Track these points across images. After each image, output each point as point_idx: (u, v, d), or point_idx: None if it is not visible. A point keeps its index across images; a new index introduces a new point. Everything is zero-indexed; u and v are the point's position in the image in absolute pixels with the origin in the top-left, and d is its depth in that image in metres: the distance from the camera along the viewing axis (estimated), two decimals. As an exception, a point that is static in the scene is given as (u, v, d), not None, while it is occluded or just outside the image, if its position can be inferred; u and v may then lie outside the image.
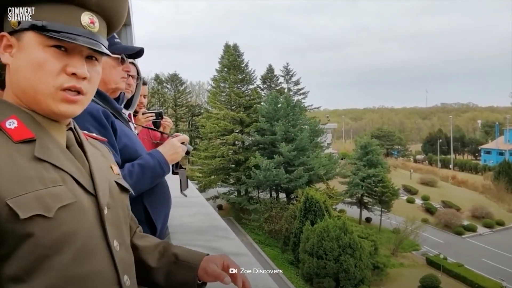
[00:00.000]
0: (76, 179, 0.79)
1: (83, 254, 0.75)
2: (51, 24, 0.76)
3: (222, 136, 36.33)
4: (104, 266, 0.79)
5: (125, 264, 0.85)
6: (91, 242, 0.78)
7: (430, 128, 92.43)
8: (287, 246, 26.89)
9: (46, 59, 0.77)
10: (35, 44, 0.77)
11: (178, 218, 1.85)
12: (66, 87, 0.78)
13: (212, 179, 36.42)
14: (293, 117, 33.73)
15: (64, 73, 0.78)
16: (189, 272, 0.99)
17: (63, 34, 0.76)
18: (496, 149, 67.60)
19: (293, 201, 31.83)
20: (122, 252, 0.85)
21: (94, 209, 0.81)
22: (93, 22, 0.81)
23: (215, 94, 38.67)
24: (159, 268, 1.02)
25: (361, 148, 35.61)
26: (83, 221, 0.77)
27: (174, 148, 1.65)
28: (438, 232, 33.98)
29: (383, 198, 32.83)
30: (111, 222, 0.84)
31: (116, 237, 0.84)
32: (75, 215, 0.76)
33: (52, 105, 0.79)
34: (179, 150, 1.66)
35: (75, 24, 0.78)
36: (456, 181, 51.06)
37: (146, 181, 1.50)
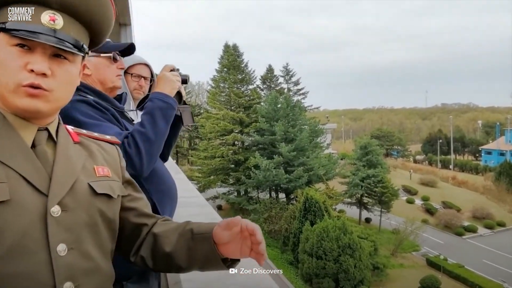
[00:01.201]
0: (25, 177, 0.79)
1: (14, 253, 0.74)
2: (13, 24, 0.80)
3: (221, 136, 36.35)
4: (39, 269, 0.77)
5: (71, 270, 0.81)
6: (25, 242, 0.76)
7: (430, 129, 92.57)
8: (287, 246, 26.88)
9: (9, 57, 0.80)
10: (3, 44, 0.81)
11: (178, 218, 1.80)
12: (26, 84, 0.80)
13: (211, 179, 36.43)
14: (292, 117, 33.75)
15: (25, 70, 0.80)
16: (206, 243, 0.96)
17: (22, 32, 0.79)
18: (497, 149, 67.64)
19: (293, 201, 31.82)
20: (71, 257, 0.82)
21: (41, 209, 0.79)
22: (53, 19, 0.82)
23: (214, 94, 38.69)
24: (179, 249, 0.99)
25: (360, 149, 35.63)
26: (18, 220, 0.76)
27: (166, 79, 1.63)
28: (438, 233, 33.99)
29: (382, 199, 32.84)
30: (63, 224, 0.82)
31: (65, 241, 0.81)
32: (8, 213, 0.75)
33: (16, 101, 0.81)
34: (172, 78, 1.64)
35: (37, 22, 0.81)
36: (457, 182, 51.11)
37: (160, 122, 1.50)
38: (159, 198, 1.56)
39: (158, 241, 1.01)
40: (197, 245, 0.97)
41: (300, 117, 34.63)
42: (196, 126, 46.41)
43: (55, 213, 0.80)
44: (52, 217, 0.80)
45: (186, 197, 2.36)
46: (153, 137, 1.46)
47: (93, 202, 0.89)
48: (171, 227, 1.04)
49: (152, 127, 1.47)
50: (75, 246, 0.83)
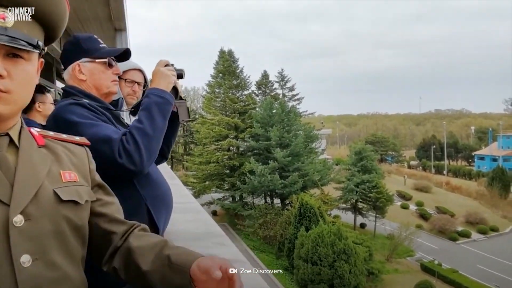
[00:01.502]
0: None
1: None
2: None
3: (216, 142, 36.29)
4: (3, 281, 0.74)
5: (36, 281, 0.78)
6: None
7: (423, 134, 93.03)
8: (282, 252, 26.78)
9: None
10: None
11: (173, 224, 1.80)
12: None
13: (206, 185, 36.29)
14: (287, 123, 33.80)
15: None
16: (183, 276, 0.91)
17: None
18: (490, 155, 68.13)
19: (288, 206, 31.78)
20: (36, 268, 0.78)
21: (2, 220, 0.76)
22: (3, 17, 0.78)
23: (210, 100, 38.68)
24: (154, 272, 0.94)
25: (355, 154, 35.72)
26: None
27: (161, 74, 1.63)
28: (432, 238, 34.07)
29: (377, 204, 32.89)
30: (27, 234, 0.78)
31: (29, 251, 0.78)
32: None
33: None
34: (167, 73, 1.64)
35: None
36: (450, 187, 51.35)
37: (157, 117, 1.49)
38: (154, 204, 1.54)
39: (133, 256, 0.97)
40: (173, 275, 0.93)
41: (295, 122, 34.69)
42: (191, 132, 46.35)
43: (17, 223, 0.77)
44: (15, 227, 0.76)
45: (181, 203, 2.34)
46: (151, 132, 1.45)
47: (58, 210, 0.86)
48: (148, 244, 0.98)
49: (149, 122, 1.46)
50: (39, 256, 0.80)
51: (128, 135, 1.41)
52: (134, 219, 1.50)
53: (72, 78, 1.59)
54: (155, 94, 1.56)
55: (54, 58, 7.50)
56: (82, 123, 1.39)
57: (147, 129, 1.44)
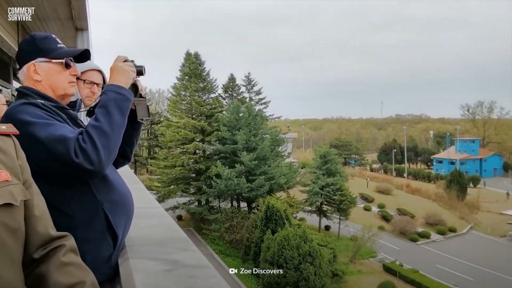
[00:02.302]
0: None
1: None
2: None
3: (182, 145, 35.81)
4: None
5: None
6: None
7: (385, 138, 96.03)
8: (248, 255, 26.75)
9: None
10: None
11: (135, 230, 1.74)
12: None
13: (171, 189, 35.70)
14: (254, 127, 33.93)
15: None
16: None
17: None
18: (448, 158, 71.43)
19: (254, 210, 31.83)
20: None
21: None
22: None
23: (175, 102, 38.15)
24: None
25: (320, 158, 36.37)
26: None
27: (119, 70, 1.57)
28: (394, 239, 35.17)
29: (341, 206, 33.60)
30: None
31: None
32: None
33: None
34: (125, 68, 1.58)
35: None
36: (410, 190, 53.24)
37: (115, 115, 1.43)
38: (112, 209, 1.49)
39: None
40: None
41: (262, 126, 34.89)
42: (156, 135, 45.49)
43: None
44: None
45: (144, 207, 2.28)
46: (109, 130, 1.39)
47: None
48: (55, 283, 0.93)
49: (107, 120, 1.41)
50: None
51: (85, 133, 1.36)
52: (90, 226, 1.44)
53: (28, 79, 1.53)
54: (112, 90, 1.50)
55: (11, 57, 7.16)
56: (36, 122, 1.33)
57: (105, 127, 1.39)
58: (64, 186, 1.40)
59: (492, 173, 70.76)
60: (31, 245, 0.93)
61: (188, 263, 1.45)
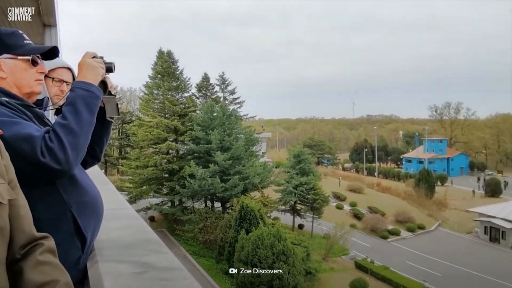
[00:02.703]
0: None
1: None
2: None
3: (155, 145, 35.26)
4: None
5: None
6: None
7: (356, 138, 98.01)
8: (222, 256, 26.67)
9: None
10: None
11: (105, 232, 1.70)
12: None
13: (143, 190, 35.08)
14: (228, 126, 33.83)
15: None
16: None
17: None
18: (416, 158, 73.73)
19: (229, 210, 31.77)
20: None
21: None
22: None
23: (147, 101, 37.51)
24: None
25: (294, 157, 36.70)
26: None
27: (88, 66, 1.53)
28: (365, 237, 35.93)
29: (314, 205, 34.03)
30: None
31: None
32: None
33: None
34: (94, 64, 1.54)
35: None
36: (381, 188, 54.57)
37: (83, 112, 1.40)
38: (81, 211, 1.45)
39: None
40: None
41: (236, 126, 34.83)
42: (127, 134, 44.63)
43: None
44: None
45: (114, 209, 2.22)
46: (77, 129, 1.36)
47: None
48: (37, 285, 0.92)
49: (74, 118, 1.37)
50: None
51: (52, 132, 1.32)
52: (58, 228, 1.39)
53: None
54: (80, 87, 1.46)
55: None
56: (1, 121, 1.28)
57: (72, 125, 1.35)
58: (30, 187, 1.35)
59: (459, 171, 73.59)
60: (15, 245, 0.92)
61: (160, 265, 1.42)
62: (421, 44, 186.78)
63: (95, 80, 1.52)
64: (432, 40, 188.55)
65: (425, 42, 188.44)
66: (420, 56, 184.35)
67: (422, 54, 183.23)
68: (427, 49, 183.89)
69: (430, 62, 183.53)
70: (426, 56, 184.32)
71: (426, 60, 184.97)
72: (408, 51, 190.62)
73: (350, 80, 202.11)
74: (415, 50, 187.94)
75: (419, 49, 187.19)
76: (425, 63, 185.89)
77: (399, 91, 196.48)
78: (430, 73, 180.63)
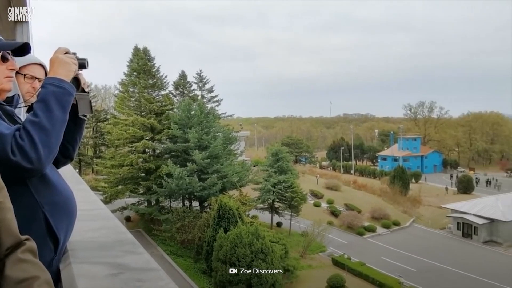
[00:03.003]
0: None
1: None
2: None
3: (130, 144, 34.65)
4: None
5: None
6: None
7: (333, 137, 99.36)
8: (200, 255, 26.53)
9: None
10: None
11: (78, 234, 1.65)
12: None
13: (119, 189, 34.42)
14: (206, 125, 33.60)
15: None
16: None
17: None
18: (391, 155, 75.41)
19: (207, 209, 31.61)
20: None
21: None
22: None
23: (123, 99, 36.81)
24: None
25: (272, 155, 36.84)
26: None
27: (60, 62, 1.49)
28: (342, 234, 36.47)
29: (292, 203, 34.28)
30: None
31: None
32: None
33: None
34: (66, 60, 1.50)
35: None
36: (357, 185, 55.51)
37: (55, 109, 1.36)
38: (53, 211, 1.41)
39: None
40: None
41: (214, 124, 34.64)
42: (102, 133, 43.73)
43: None
44: None
45: (88, 209, 2.17)
46: (49, 126, 1.32)
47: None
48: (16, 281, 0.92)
49: (46, 115, 1.33)
50: None
51: (22, 130, 1.28)
52: (29, 229, 1.34)
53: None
54: (52, 83, 1.41)
55: None
56: None
57: (44, 122, 1.31)
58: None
59: (432, 169, 75.74)
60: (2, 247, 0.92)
61: (135, 266, 1.39)
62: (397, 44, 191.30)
63: (68, 77, 1.48)
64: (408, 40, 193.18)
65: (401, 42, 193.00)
66: (396, 56, 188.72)
67: (398, 54, 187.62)
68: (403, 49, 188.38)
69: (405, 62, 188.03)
70: (401, 56, 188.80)
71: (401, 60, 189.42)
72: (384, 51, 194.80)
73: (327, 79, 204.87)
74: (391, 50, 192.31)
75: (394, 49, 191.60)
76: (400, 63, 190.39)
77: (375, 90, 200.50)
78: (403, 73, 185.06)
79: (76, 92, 1.55)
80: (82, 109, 1.63)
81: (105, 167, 35.46)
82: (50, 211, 1.40)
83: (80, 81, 1.61)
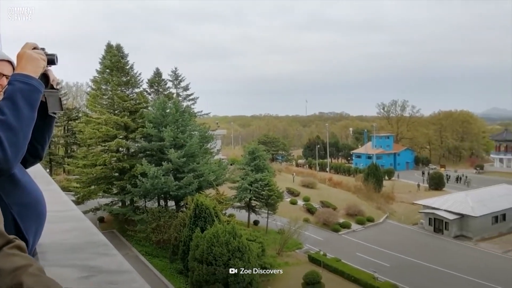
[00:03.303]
0: None
1: None
2: None
3: (103, 143, 33.86)
4: None
5: None
6: None
7: (309, 135, 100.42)
8: (176, 255, 26.28)
9: None
10: None
11: (48, 236, 1.59)
12: None
13: (92, 190, 33.57)
14: (182, 123, 33.23)
15: None
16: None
17: None
18: (365, 153, 76.93)
19: (183, 208, 31.31)
20: None
21: None
22: None
23: (95, 97, 35.90)
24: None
25: (249, 154, 36.90)
26: None
27: (27, 58, 1.43)
28: (318, 230, 36.92)
29: (269, 201, 34.44)
30: None
31: None
32: None
33: None
34: (34, 56, 1.44)
35: None
36: (332, 183, 56.29)
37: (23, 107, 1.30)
38: (22, 213, 1.37)
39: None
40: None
41: (190, 122, 34.30)
42: (74, 132, 42.57)
43: None
44: None
45: (58, 211, 2.09)
46: (16, 124, 1.26)
47: None
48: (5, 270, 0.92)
49: (13, 113, 1.27)
50: None
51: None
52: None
53: None
54: (19, 80, 1.35)
55: None
56: None
57: (10, 120, 1.25)
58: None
59: (405, 166, 77.74)
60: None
61: (108, 268, 1.35)
62: (370, 44, 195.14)
63: (36, 73, 1.42)
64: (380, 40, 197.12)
65: (373, 42, 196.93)
66: (369, 55, 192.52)
67: (371, 54, 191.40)
68: (375, 49, 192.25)
69: (378, 61, 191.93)
70: (374, 56, 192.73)
71: (374, 59, 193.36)
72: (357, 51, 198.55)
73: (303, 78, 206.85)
74: (364, 50, 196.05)
75: (367, 49, 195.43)
76: (373, 63, 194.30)
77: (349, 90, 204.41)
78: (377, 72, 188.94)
79: (45, 89, 1.50)
80: (51, 107, 1.56)
81: (77, 167, 34.52)
82: (19, 212, 1.36)
83: (49, 77, 1.55)
